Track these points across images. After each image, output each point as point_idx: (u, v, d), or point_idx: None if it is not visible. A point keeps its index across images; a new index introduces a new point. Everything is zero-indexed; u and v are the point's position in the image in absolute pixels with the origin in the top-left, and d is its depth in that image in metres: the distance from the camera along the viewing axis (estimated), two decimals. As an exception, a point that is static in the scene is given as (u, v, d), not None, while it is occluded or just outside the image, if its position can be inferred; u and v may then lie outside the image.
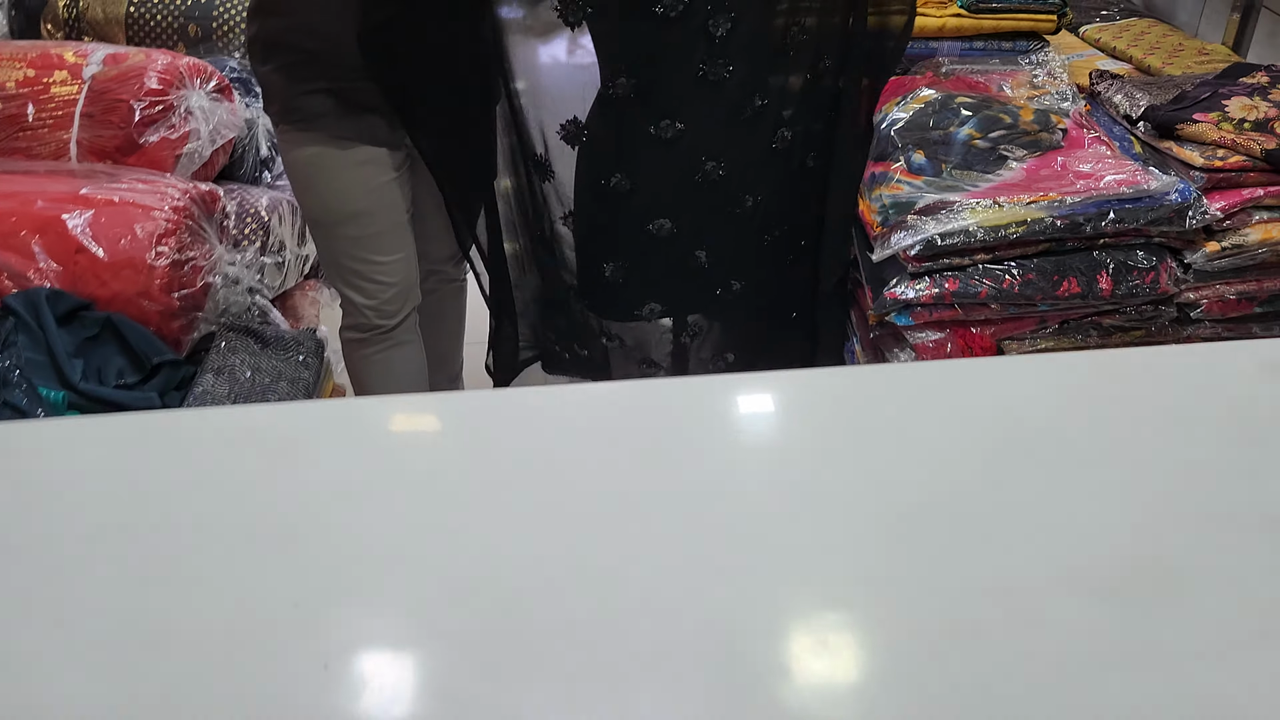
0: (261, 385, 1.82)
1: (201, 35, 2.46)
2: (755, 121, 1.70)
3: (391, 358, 2.02)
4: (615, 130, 1.69)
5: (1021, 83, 2.13)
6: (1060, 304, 1.80)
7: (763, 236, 1.88)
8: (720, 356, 2.08)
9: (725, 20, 1.54)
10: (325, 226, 1.88)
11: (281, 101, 1.77)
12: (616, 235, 1.83)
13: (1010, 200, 1.79)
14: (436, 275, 2.18)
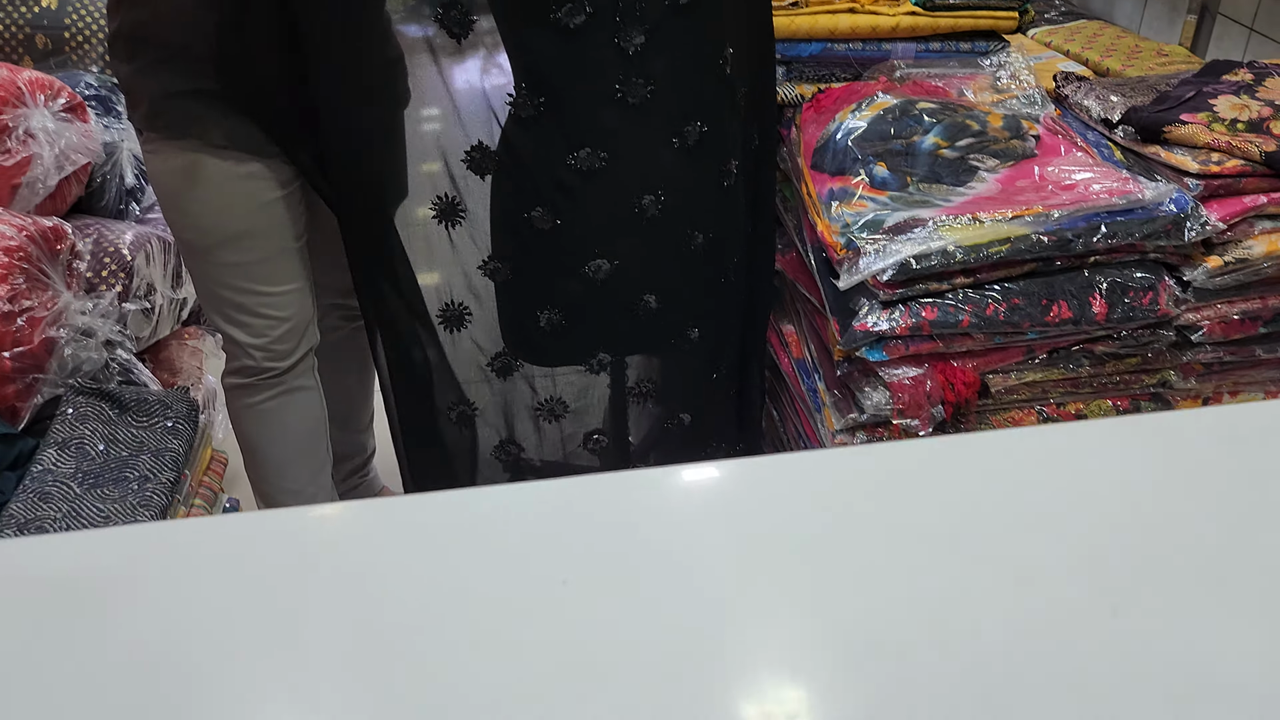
0: (117, 460, 1.51)
1: (52, 47, 2.13)
2: (697, 151, 1.51)
3: (283, 407, 1.72)
4: (529, 157, 1.49)
5: (984, 86, 1.93)
6: (1050, 331, 1.59)
7: (719, 277, 1.67)
8: (674, 417, 1.81)
9: (637, 34, 1.39)
10: (200, 251, 1.59)
11: (148, 104, 1.50)
12: (548, 279, 1.59)
13: (990, 215, 1.58)
14: (340, 311, 1.89)
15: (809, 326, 1.85)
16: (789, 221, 1.94)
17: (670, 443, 1.86)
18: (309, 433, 1.76)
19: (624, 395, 1.79)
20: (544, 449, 1.82)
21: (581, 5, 1.37)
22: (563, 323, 1.60)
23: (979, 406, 1.66)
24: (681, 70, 1.46)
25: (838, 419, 1.68)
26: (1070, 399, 1.67)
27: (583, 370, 1.71)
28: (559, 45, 1.40)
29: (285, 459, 1.74)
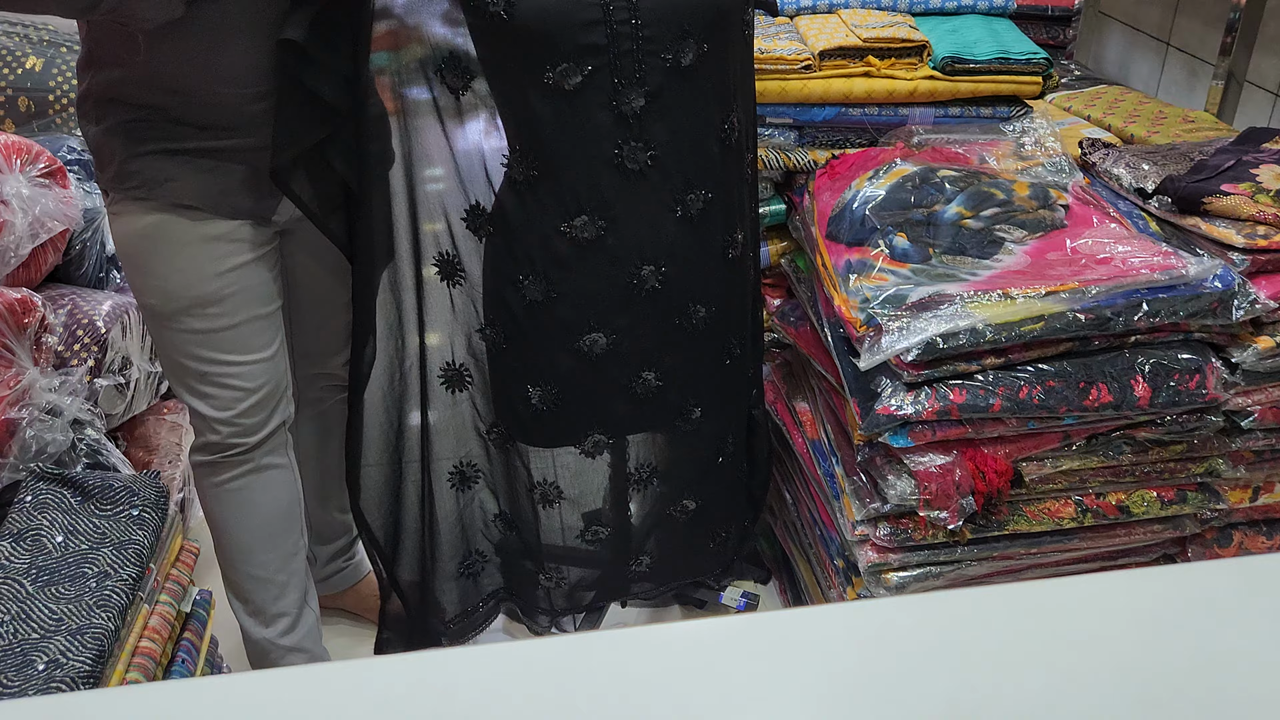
0: (76, 554, 1.38)
1: (35, 110, 2.05)
2: (700, 221, 1.44)
3: (252, 487, 1.60)
4: (521, 223, 1.42)
5: (1007, 153, 1.84)
6: (1089, 416, 1.47)
7: (721, 357, 1.58)
8: (678, 503, 1.69)
9: (637, 97, 1.33)
10: (164, 318, 1.49)
11: (117, 165, 1.41)
12: (539, 352, 1.50)
13: (1021, 291, 1.47)
14: (325, 380, 1.78)
15: (825, 405, 1.74)
16: (802, 293, 1.83)
17: (674, 532, 1.74)
18: (280, 515, 1.63)
19: (624, 481, 1.68)
20: (545, 532, 1.70)
21: (578, 66, 1.30)
22: (555, 401, 1.51)
23: (1012, 497, 1.53)
24: (684, 136, 1.39)
25: (858, 508, 1.55)
26: (1111, 489, 1.55)
27: (577, 453, 1.59)
28: (554, 107, 1.34)
29: (253, 543, 1.62)
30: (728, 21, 1.39)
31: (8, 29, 2.09)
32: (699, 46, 1.34)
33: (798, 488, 1.87)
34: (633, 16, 1.30)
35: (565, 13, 1.28)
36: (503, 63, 1.36)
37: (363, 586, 1.97)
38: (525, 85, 1.34)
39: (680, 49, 1.33)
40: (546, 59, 1.30)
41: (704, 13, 1.34)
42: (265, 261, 1.51)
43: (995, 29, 1.92)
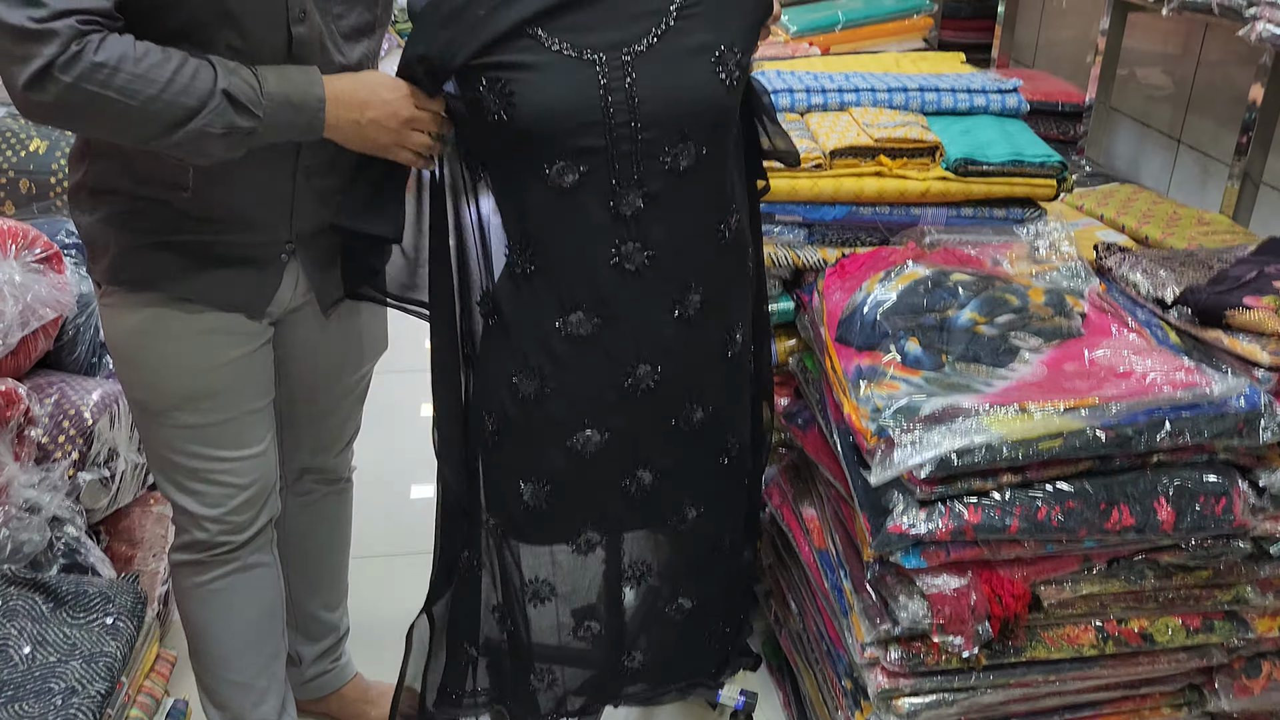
0: (43, 666, 1.32)
1: (36, 192, 2.03)
2: (699, 321, 1.42)
3: (235, 587, 1.54)
4: (516, 317, 1.41)
5: (1020, 256, 1.80)
6: (1110, 539, 1.41)
7: (719, 457, 1.54)
8: (673, 602, 1.63)
9: (635, 197, 1.32)
10: (155, 413, 1.43)
11: (111, 257, 1.36)
12: (531, 448, 1.47)
13: (1039, 406, 1.42)
14: (314, 475, 1.72)
15: (833, 514, 1.67)
16: (810, 395, 1.78)
17: (669, 632, 1.68)
18: (262, 616, 1.57)
19: (618, 578, 1.63)
20: (536, 631, 1.63)
21: (574, 165, 1.30)
22: (547, 497, 1.48)
23: (1029, 621, 1.46)
24: (682, 237, 1.38)
25: (868, 629, 1.48)
26: (1133, 615, 1.48)
27: (570, 550, 1.55)
28: (552, 204, 1.33)
29: (235, 646, 1.55)
30: (727, 125, 1.39)
31: (14, 112, 2.08)
32: (698, 150, 1.33)
33: (804, 598, 1.80)
34: (633, 119, 1.29)
35: (565, 114, 1.27)
36: (502, 158, 1.37)
37: (348, 690, 1.89)
38: (524, 180, 1.34)
39: (679, 152, 1.32)
40: (545, 157, 1.30)
41: (704, 117, 1.33)
42: (260, 355, 1.46)
43: (1009, 130, 1.90)
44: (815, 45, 3.28)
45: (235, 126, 1.19)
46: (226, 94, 1.18)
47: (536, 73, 1.26)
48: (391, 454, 2.72)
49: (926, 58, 2.26)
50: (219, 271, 1.38)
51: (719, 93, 1.32)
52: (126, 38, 1.14)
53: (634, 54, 1.28)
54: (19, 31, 1.07)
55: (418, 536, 2.46)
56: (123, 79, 1.12)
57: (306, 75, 1.25)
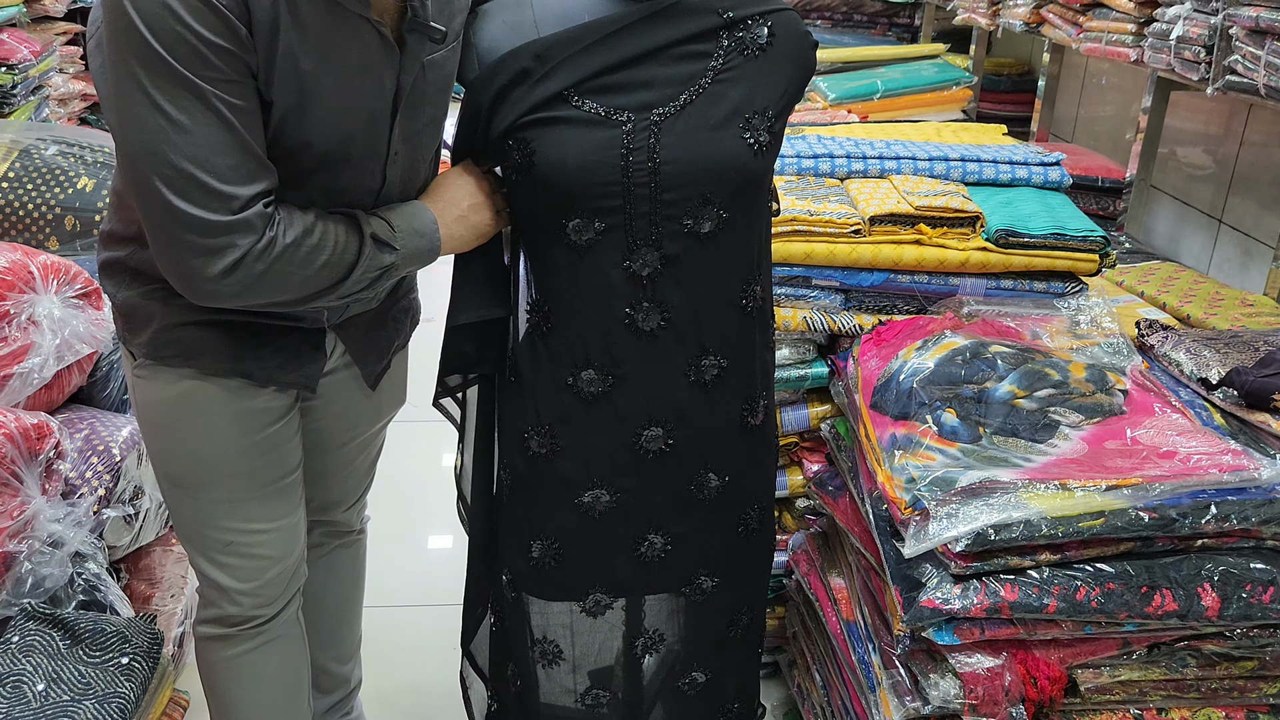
0: (56, 705, 1.29)
1: (80, 229, 2.06)
2: (715, 387, 1.40)
3: (264, 659, 1.50)
4: (530, 373, 1.41)
5: (1061, 330, 1.78)
6: (1151, 623, 1.36)
7: (736, 528, 1.51)
8: (687, 675, 1.59)
9: (652, 259, 1.32)
10: (190, 488, 1.39)
11: (153, 332, 1.32)
12: (540, 506, 1.45)
13: (1080, 483, 1.39)
14: (324, 527, 1.70)
15: (863, 585, 1.63)
16: (842, 462, 1.75)
17: (682, 705, 1.64)
18: (292, 685, 1.53)
19: (630, 646, 1.59)
20: (544, 693, 1.59)
21: (589, 222, 1.30)
22: (555, 556, 1.46)
23: (1065, 706, 1.41)
24: (700, 301, 1.36)
25: (896, 707, 1.44)
26: (1174, 704, 1.42)
27: (579, 611, 1.52)
28: (568, 261, 1.33)
29: (263, 718, 1.51)
30: (754, 191, 1.37)
31: (64, 150, 2.12)
32: (720, 214, 1.32)
33: (829, 670, 1.75)
34: (652, 180, 1.28)
35: (583, 170, 1.28)
36: (524, 213, 1.37)
37: (359, 746, 1.85)
38: (543, 236, 1.34)
39: (700, 215, 1.31)
40: (562, 214, 1.30)
41: (729, 182, 1.31)
42: (290, 425, 1.44)
43: (1050, 204, 1.89)
44: (853, 113, 3.30)
45: (383, 265, 1.23)
46: (374, 238, 1.21)
47: (558, 131, 1.27)
48: (410, 504, 2.70)
49: (968, 128, 2.26)
50: (265, 348, 1.35)
51: (744, 157, 1.30)
52: (294, 210, 1.16)
53: (663, 116, 1.28)
54: (212, 226, 1.08)
55: (434, 588, 2.44)
56: (304, 252, 1.15)
57: (412, 205, 1.30)
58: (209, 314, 1.30)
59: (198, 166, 1.05)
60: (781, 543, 1.92)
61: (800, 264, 1.81)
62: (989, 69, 4.00)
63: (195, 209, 1.06)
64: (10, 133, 2.16)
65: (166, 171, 1.05)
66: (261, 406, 1.38)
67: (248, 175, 1.09)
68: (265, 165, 1.11)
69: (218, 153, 1.06)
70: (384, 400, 1.63)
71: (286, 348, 1.37)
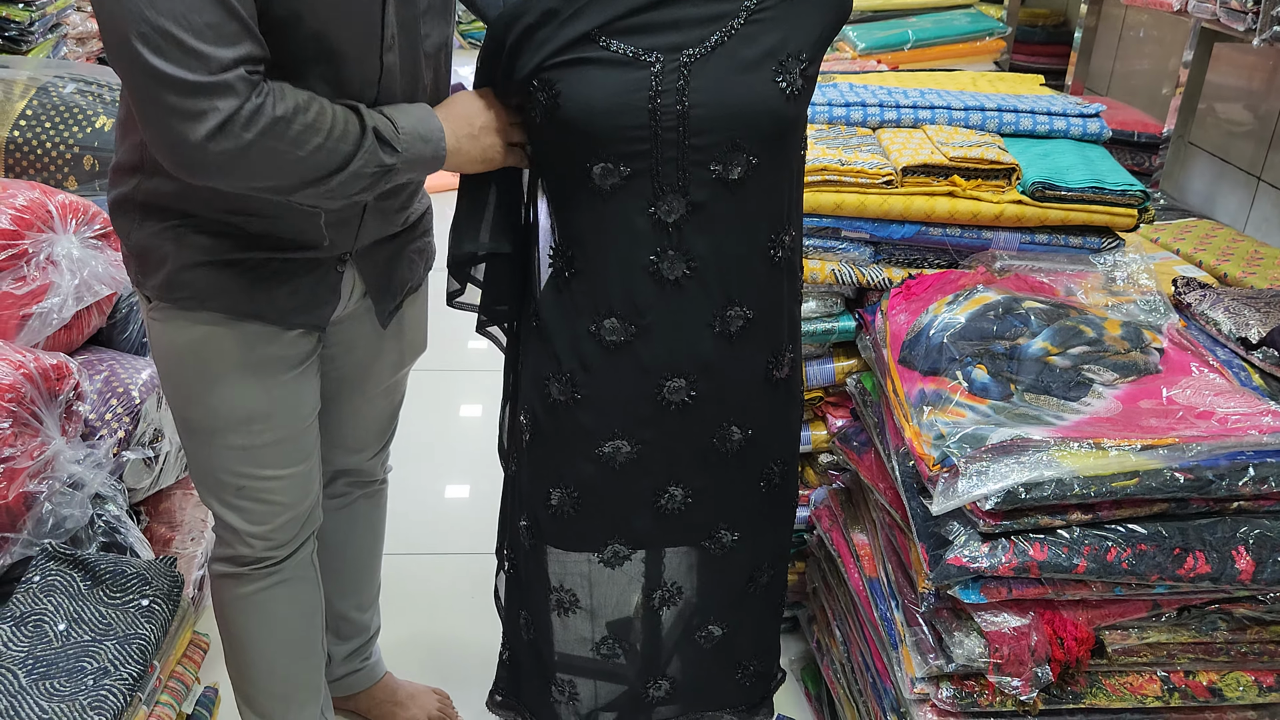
0: (77, 645, 1.30)
1: (99, 169, 2.03)
2: (740, 339, 1.36)
3: (277, 599, 1.50)
4: (552, 321, 1.38)
5: (1096, 286, 1.74)
6: (1182, 586, 1.34)
7: (759, 482, 1.48)
8: (704, 629, 1.59)
9: (678, 206, 1.28)
10: (202, 433, 1.38)
11: (166, 274, 1.29)
12: (560, 455, 1.43)
13: (1114, 443, 1.35)
14: (347, 477, 1.69)
15: (887, 542, 1.61)
16: (868, 418, 1.73)
17: (698, 659, 1.62)
18: (304, 627, 1.53)
19: (648, 598, 1.57)
20: (564, 641, 1.59)
21: (615, 167, 1.26)
22: (574, 505, 1.44)
23: (1091, 667, 1.39)
24: (727, 250, 1.32)
25: (919, 664, 1.42)
26: (1202, 667, 1.41)
27: (597, 561, 1.51)
28: (592, 206, 1.30)
29: (276, 656, 1.52)
30: (785, 137, 1.32)
31: (82, 88, 2.09)
32: (750, 161, 1.28)
33: (850, 627, 1.74)
34: (680, 124, 1.25)
35: (610, 113, 1.24)
36: (548, 156, 1.34)
37: (377, 690, 1.85)
38: (567, 180, 1.31)
39: (729, 161, 1.27)
40: (587, 158, 1.27)
41: (760, 127, 1.27)
42: (310, 372, 1.42)
43: (1089, 156, 1.84)
44: (883, 63, 3.22)
45: (383, 165, 1.19)
46: (376, 133, 1.17)
47: (585, 72, 1.24)
48: (429, 453, 2.70)
49: (1004, 78, 2.20)
50: (284, 291, 1.33)
51: (777, 102, 1.26)
52: (289, 87, 1.12)
53: (693, 57, 1.24)
54: (191, 86, 1.04)
55: (452, 536, 2.45)
56: (295, 130, 1.11)
57: (418, 108, 1.26)
58: (222, 253, 1.28)
59: (175, 23, 1.02)
60: (804, 498, 1.90)
61: (829, 215, 1.77)
62: (1023, 19, 3.90)
63: (173, 68, 1.02)
64: (28, 70, 2.13)
65: (144, 29, 1.01)
66: (278, 354, 1.36)
67: (229, 37, 1.04)
68: (251, 31, 1.07)
69: (195, 10, 1.02)
70: (405, 346, 1.61)
71: (303, 289, 1.34)
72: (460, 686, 1.94)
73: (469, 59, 1.36)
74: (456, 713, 1.90)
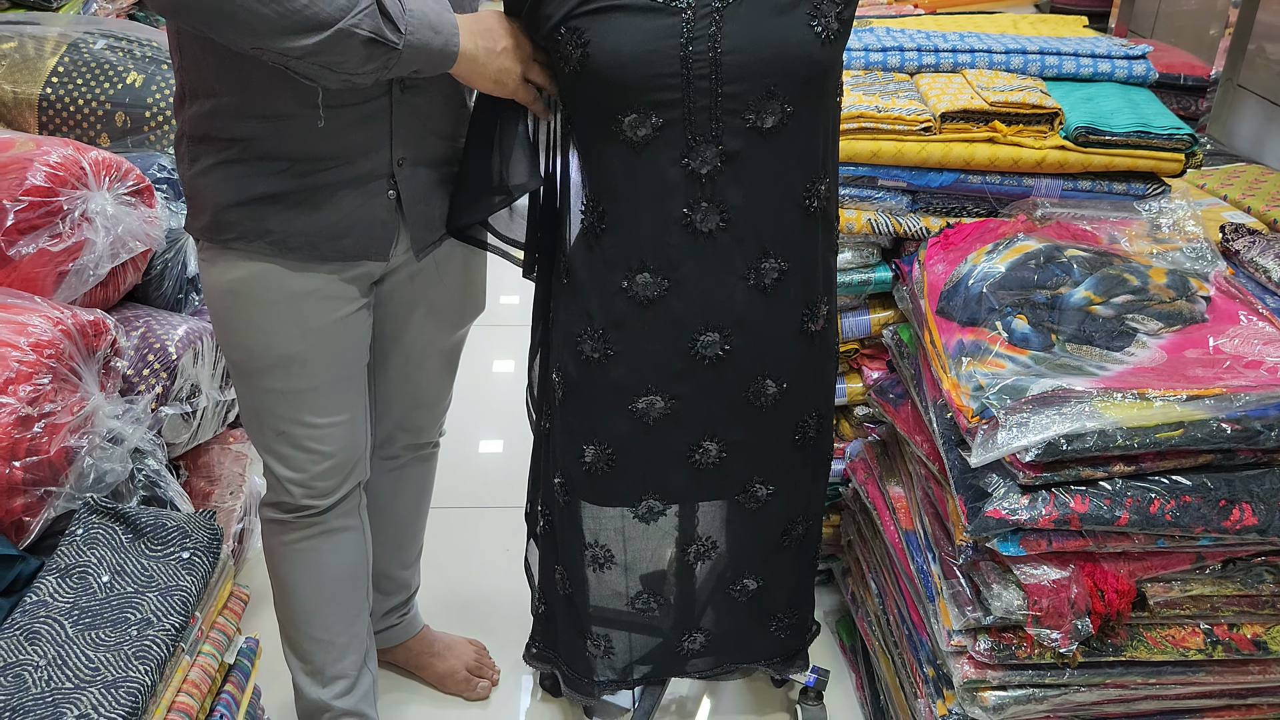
0: (120, 596, 1.31)
1: (131, 125, 2.03)
2: (775, 291, 1.36)
3: (321, 549, 1.53)
4: (584, 276, 1.37)
5: (1140, 234, 1.69)
6: (1228, 538, 1.31)
7: (793, 435, 1.48)
8: (738, 582, 1.59)
9: (711, 156, 1.26)
10: (246, 374, 1.41)
11: (211, 213, 1.31)
12: (593, 411, 1.44)
13: (1159, 393, 1.33)
14: (405, 439, 1.69)
15: (924, 495, 1.60)
16: (905, 370, 1.70)
17: (731, 611, 1.64)
18: (347, 578, 1.55)
19: (682, 552, 1.59)
20: (595, 595, 1.61)
21: (647, 117, 1.23)
22: (609, 461, 1.45)
23: (1132, 619, 1.38)
24: (761, 200, 1.30)
25: (956, 616, 1.41)
26: (1246, 620, 1.39)
27: (631, 516, 1.51)
28: (624, 159, 1.27)
29: (318, 604, 1.54)
30: (821, 83, 1.29)
31: (112, 44, 2.09)
32: (785, 108, 1.25)
33: (885, 579, 1.73)
34: (713, 72, 1.22)
35: (640, 61, 1.21)
36: (579, 107, 1.31)
37: (414, 643, 1.88)
38: (599, 133, 1.29)
39: (764, 110, 1.24)
40: (618, 109, 1.24)
41: (795, 73, 1.24)
42: (355, 320, 1.41)
43: (1134, 99, 1.79)
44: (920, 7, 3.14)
45: (382, 35, 1.12)
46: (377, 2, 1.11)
47: (615, 20, 1.21)
48: (462, 408, 2.68)
49: (1047, 20, 2.14)
50: (327, 215, 1.31)
51: (812, 46, 1.23)
52: None
53: (725, 2, 1.20)
54: None
55: (486, 490, 2.46)
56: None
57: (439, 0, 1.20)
58: (263, 191, 1.28)
59: None
60: (839, 451, 1.89)
61: (866, 163, 1.73)
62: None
63: None
64: (59, 26, 2.12)
65: None
66: (320, 295, 1.35)
67: None
68: None
69: None
70: (465, 306, 1.59)
71: (352, 214, 1.32)
72: (496, 637, 1.96)
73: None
74: (493, 662, 1.92)
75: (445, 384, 1.68)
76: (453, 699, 1.88)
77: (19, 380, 1.37)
